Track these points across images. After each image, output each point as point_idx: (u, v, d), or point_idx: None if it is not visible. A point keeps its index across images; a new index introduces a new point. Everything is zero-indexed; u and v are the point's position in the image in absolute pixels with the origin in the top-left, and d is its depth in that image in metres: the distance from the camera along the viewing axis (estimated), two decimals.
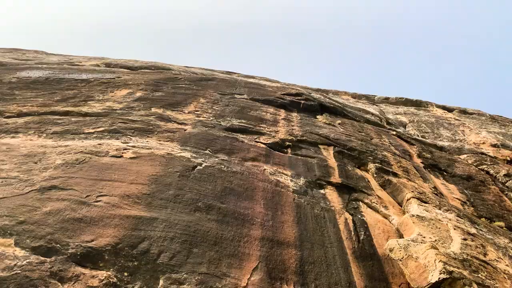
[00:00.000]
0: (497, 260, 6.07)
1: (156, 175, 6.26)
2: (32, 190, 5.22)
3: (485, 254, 6.09)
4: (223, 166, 7.24)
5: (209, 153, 7.67)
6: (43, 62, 14.08)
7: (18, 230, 4.45)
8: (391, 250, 5.89)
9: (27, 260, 4.13)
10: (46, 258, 4.22)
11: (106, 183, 5.69)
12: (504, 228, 8.61)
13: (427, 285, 5.13)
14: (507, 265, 6.06)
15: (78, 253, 4.40)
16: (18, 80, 10.75)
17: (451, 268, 5.08)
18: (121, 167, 6.20)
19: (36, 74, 11.43)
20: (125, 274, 4.37)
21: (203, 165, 7.03)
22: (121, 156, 6.54)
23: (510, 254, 6.65)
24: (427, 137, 15.98)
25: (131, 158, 6.58)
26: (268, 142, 9.08)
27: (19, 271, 3.98)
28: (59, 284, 4.03)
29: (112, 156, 6.49)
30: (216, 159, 7.46)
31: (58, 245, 4.41)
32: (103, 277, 4.24)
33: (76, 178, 5.64)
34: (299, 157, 8.75)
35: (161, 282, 4.44)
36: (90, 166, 6.03)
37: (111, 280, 4.25)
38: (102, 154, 6.48)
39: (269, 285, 4.91)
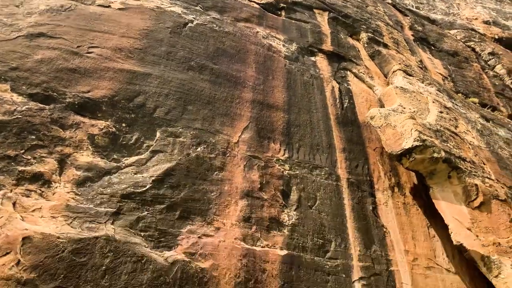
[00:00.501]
0: (465, 133, 6.62)
1: (147, 29, 6.05)
2: (20, 36, 5.02)
3: (456, 127, 6.60)
4: (215, 26, 7.00)
5: (200, 10, 7.32)
6: None
7: (13, 76, 4.45)
8: (372, 118, 6.27)
9: (26, 106, 4.24)
10: (45, 106, 4.34)
11: (97, 34, 5.51)
12: (477, 104, 9.14)
13: (400, 150, 5.66)
14: (473, 137, 6.64)
15: (76, 102, 4.52)
16: None
17: (425, 137, 5.56)
18: (110, 18, 5.92)
19: None
20: (123, 125, 4.61)
21: (194, 23, 6.78)
22: (109, 6, 6.17)
23: (478, 128, 7.22)
24: (421, 9, 15.46)
25: (119, 9, 6.23)
26: (261, 1, 8.63)
27: (20, 116, 4.12)
28: (61, 130, 4.25)
29: (99, 5, 6.11)
30: (208, 17, 7.16)
31: (55, 94, 4.49)
32: (103, 126, 4.47)
33: (64, 27, 5.41)
34: (293, 21, 8.48)
35: (158, 134, 4.72)
36: (78, 15, 5.73)
37: (110, 129, 4.49)
38: (88, 2, 6.09)
39: (258, 143, 5.31)
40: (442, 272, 5.34)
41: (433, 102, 7.11)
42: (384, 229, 5.41)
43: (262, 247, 4.39)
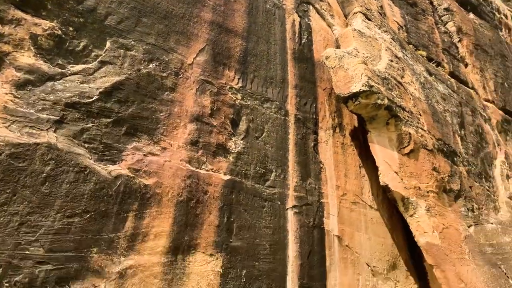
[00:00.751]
0: (409, 83, 6.98)
1: None
2: None
3: (402, 77, 6.91)
4: None
5: None
6: None
7: None
8: (327, 58, 6.36)
9: None
10: None
11: None
12: (425, 58, 9.53)
13: (348, 93, 5.88)
14: (415, 89, 7.03)
15: None
16: None
17: (373, 83, 5.79)
18: None
19: None
20: (71, 29, 4.27)
21: None
22: None
23: (421, 80, 7.62)
24: None
25: None
26: None
27: None
28: None
29: None
30: None
31: None
32: (47, 27, 4.11)
33: None
34: None
35: (108, 44, 4.46)
36: None
37: (55, 31, 4.15)
38: None
39: (213, 68, 5.22)
40: (366, 208, 5.93)
41: (386, 50, 7.31)
42: (321, 165, 5.78)
43: (207, 170, 4.53)
